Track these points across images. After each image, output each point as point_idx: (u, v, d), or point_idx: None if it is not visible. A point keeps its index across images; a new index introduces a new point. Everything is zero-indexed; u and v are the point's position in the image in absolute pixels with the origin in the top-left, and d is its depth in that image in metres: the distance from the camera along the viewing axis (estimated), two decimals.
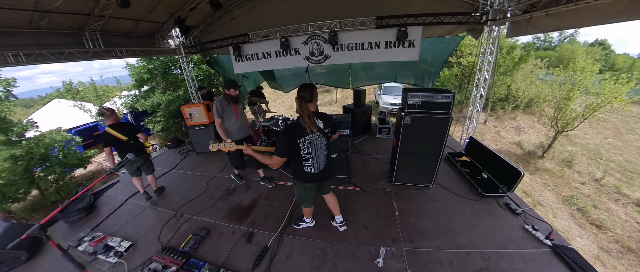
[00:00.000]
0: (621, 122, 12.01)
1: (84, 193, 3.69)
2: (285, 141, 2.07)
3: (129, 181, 4.27)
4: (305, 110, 2.00)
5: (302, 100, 2.00)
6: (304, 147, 2.10)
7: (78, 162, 7.92)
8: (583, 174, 7.31)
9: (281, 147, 2.08)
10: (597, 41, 31.57)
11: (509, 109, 12.42)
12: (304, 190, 2.41)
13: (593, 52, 24.32)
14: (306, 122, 2.00)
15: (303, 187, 2.37)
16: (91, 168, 9.26)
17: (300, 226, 2.88)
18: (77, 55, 4.59)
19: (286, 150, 2.07)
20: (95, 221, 3.32)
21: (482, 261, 2.36)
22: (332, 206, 2.72)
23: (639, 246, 4.61)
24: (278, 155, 2.07)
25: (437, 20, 4.49)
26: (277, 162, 2.08)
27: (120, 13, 4.32)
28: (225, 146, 2.47)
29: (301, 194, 2.46)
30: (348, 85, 7.42)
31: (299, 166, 2.20)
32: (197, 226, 3.02)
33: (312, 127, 2.03)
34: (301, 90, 2.01)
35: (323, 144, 2.20)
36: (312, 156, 2.16)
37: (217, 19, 5.88)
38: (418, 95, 3.02)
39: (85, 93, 12.11)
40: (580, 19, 3.24)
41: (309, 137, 2.09)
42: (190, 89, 7.21)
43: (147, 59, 9.41)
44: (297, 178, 2.34)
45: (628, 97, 7.53)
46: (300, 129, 2.05)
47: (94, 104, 10.51)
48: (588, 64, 7.85)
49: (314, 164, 2.20)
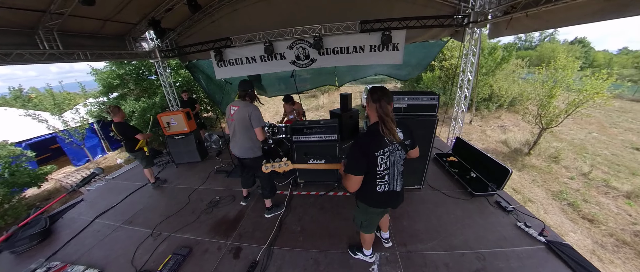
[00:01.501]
0: (604, 117, 12.83)
1: (38, 216, 3.35)
2: (360, 154, 1.71)
3: (95, 199, 4.08)
4: (389, 114, 1.65)
5: (383, 101, 1.64)
6: (382, 162, 1.73)
7: (30, 180, 7.02)
8: (570, 169, 7.71)
9: (356, 163, 1.70)
10: (577, 39, 33.80)
11: (493, 108, 13.01)
12: (370, 214, 2.06)
13: (573, 50, 26.04)
14: (389, 130, 1.64)
15: (370, 211, 2.01)
16: (47, 187, 8.28)
17: (356, 255, 2.54)
18: (29, 58, 4.10)
19: (362, 165, 1.71)
20: (52, 249, 2.99)
21: (477, 262, 2.42)
22: (383, 223, 2.55)
23: (634, 239, 4.79)
24: (354, 173, 1.70)
25: (420, 23, 4.71)
26: (355, 183, 1.73)
27: (83, 11, 4.03)
28: (281, 166, 2.11)
29: (364, 218, 2.11)
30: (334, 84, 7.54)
31: (370, 185, 1.83)
32: (177, 244, 2.90)
33: (396, 136, 1.68)
34: (376, 92, 1.67)
35: (401, 159, 1.84)
36: (389, 172, 1.80)
37: (196, 22, 5.82)
38: (404, 98, 3.13)
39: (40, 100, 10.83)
40: (558, 19, 3.48)
41: (388, 149, 1.73)
42: (168, 96, 7.04)
43: (117, 63, 9.07)
44: (364, 200, 1.96)
45: (609, 92, 8.04)
46: (379, 139, 1.69)
47: (51, 112, 9.55)
48: (569, 62, 8.37)
49: (390, 182, 1.84)
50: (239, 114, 2.78)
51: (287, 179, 4.15)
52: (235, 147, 2.98)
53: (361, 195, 1.94)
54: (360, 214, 2.11)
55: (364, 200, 1.96)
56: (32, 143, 8.77)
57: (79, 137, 9.55)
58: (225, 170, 4.74)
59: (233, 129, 2.90)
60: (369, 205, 1.96)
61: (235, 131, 2.89)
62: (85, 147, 9.99)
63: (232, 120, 2.87)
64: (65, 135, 9.23)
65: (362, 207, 2.02)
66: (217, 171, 4.76)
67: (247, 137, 2.87)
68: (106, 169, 8.45)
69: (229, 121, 2.93)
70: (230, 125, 2.92)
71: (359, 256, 2.52)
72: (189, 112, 5.12)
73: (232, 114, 2.85)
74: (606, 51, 35.48)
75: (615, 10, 2.85)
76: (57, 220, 3.55)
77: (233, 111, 2.84)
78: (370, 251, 2.47)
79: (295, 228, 3.04)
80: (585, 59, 27.41)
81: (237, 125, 2.84)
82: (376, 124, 1.70)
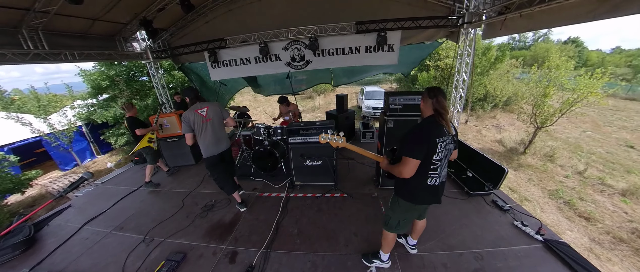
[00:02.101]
0: (598, 115, 13.12)
1: (21, 224, 3.26)
2: (422, 138, 1.71)
3: (83, 205, 4.01)
4: (446, 108, 1.76)
5: (440, 97, 1.75)
6: (440, 150, 1.75)
7: (13, 186, 6.75)
8: (566, 168, 7.85)
9: (418, 146, 1.71)
10: (570, 39, 34.56)
11: (489, 108, 13.21)
12: (410, 213, 2.04)
13: (566, 49, 26.63)
14: (446, 121, 1.75)
15: (412, 209, 2.00)
16: (32, 193, 8.00)
17: (372, 264, 2.42)
18: (12, 58, 3.93)
19: (423, 150, 1.71)
20: (37, 258, 2.88)
21: (475, 262, 2.45)
22: (418, 229, 2.42)
23: (630, 236, 4.87)
24: (414, 156, 1.70)
25: (415, 24, 4.78)
26: (412, 168, 1.72)
27: (70, 10, 3.95)
28: (336, 140, 2.21)
29: (403, 217, 2.06)
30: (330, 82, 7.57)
31: (420, 178, 1.82)
32: (171, 250, 2.87)
33: (450, 128, 1.78)
34: (432, 90, 1.78)
35: (449, 154, 1.88)
36: (441, 163, 1.82)
37: (189, 22, 5.79)
38: (399, 99, 3.18)
39: (24, 103, 10.67)
40: (551, 19, 3.55)
41: (445, 139, 1.76)
42: (161, 98, 6.97)
43: (107, 64, 8.91)
44: (410, 196, 1.92)
45: (603, 91, 8.21)
46: (439, 127, 1.75)
47: (36, 115, 9.30)
48: (562, 61, 8.54)
49: (441, 174, 1.85)
50: (212, 110, 3.06)
51: (283, 181, 4.15)
52: (215, 144, 3.11)
53: (407, 191, 1.93)
54: (400, 213, 2.05)
55: (409, 197, 1.93)
56: (15, 147, 8.45)
57: (66, 140, 9.36)
58: None
59: (210, 129, 3.05)
60: (415, 202, 1.94)
61: (214, 128, 3.08)
62: (73, 151, 9.78)
63: (207, 120, 3.03)
64: (52, 138, 9.02)
65: (404, 206, 1.98)
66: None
67: (223, 128, 3.23)
68: (96, 173, 8.31)
69: (202, 124, 3.02)
70: (205, 126, 3.03)
71: (376, 264, 2.40)
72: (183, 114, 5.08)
73: (204, 115, 3.01)
74: (599, 50, 36.33)
75: (608, 10, 2.92)
76: (42, 228, 3.44)
77: (204, 112, 3.02)
78: (388, 256, 2.38)
79: (292, 230, 3.04)
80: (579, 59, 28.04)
81: (215, 121, 3.09)
82: (432, 117, 1.78)
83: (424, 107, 1.85)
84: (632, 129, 11.28)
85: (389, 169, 1.94)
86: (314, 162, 3.69)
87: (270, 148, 4.24)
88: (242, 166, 4.90)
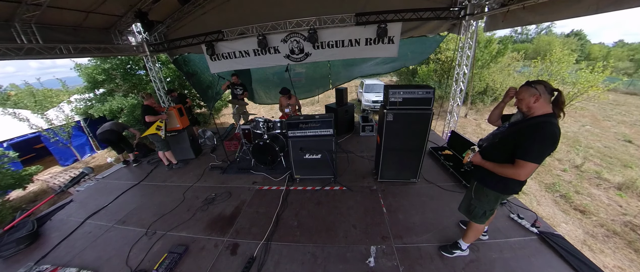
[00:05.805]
0: (598, 110, 13.16)
1: (24, 219, 3.30)
2: (551, 144, 1.63)
3: (85, 200, 4.05)
4: (564, 103, 1.75)
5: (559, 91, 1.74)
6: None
7: (14, 182, 6.81)
8: (563, 161, 7.93)
9: (547, 152, 1.66)
10: (573, 32, 34.32)
11: (489, 101, 13.23)
12: (496, 202, 2.06)
13: (569, 42, 26.50)
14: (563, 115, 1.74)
15: (499, 198, 2.02)
16: (33, 188, 8.08)
17: (454, 254, 2.48)
18: (6, 52, 3.90)
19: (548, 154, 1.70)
20: (42, 252, 2.94)
21: (471, 253, 2.52)
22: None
23: (624, 229, 4.97)
24: (538, 162, 1.67)
25: (416, 15, 4.74)
26: (532, 171, 1.70)
27: (63, 2, 3.91)
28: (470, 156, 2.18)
29: (489, 207, 2.08)
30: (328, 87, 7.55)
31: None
32: (173, 243, 2.93)
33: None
34: (548, 86, 1.73)
35: None
36: None
37: (186, 14, 5.73)
38: (399, 92, 3.18)
39: (20, 98, 10.55)
40: (554, 11, 3.53)
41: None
42: (159, 92, 6.96)
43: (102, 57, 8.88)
44: (504, 186, 1.92)
45: (604, 85, 8.20)
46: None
47: (33, 111, 9.25)
48: (564, 55, 8.52)
49: None
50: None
51: (283, 175, 4.20)
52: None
53: (503, 183, 1.89)
54: (490, 203, 2.05)
55: (503, 188, 1.92)
56: (14, 143, 8.49)
57: (65, 135, 9.35)
58: (220, 166, 4.76)
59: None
60: (506, 193, 1.95)
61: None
62: (72, 146, 9.80)
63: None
64: (50, 134, 9.02)
65: (494, 196, 1.99)
66: (212, 167, 4.77)
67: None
68: (96, 168, 8.33)
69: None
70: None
71: (457, 253, 2.47)
72: (182, 108, 5.09)
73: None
74: (602, 44, 36.17)
75: (612, 2, 2.91)
76: (45, 222, 3.49)
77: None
78: (468, 245, 2.43)
79: (292, 223, 3.10)
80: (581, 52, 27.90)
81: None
82: (553, 116, 1.68)
83: (536, 104, 1.70)
84: (631, 124, 11.34)
85: (491, 167, 1.89)
86: (314, 155, 3.73)
87: (269, 142, 4.28)
88: (242, 160, 4.94)
